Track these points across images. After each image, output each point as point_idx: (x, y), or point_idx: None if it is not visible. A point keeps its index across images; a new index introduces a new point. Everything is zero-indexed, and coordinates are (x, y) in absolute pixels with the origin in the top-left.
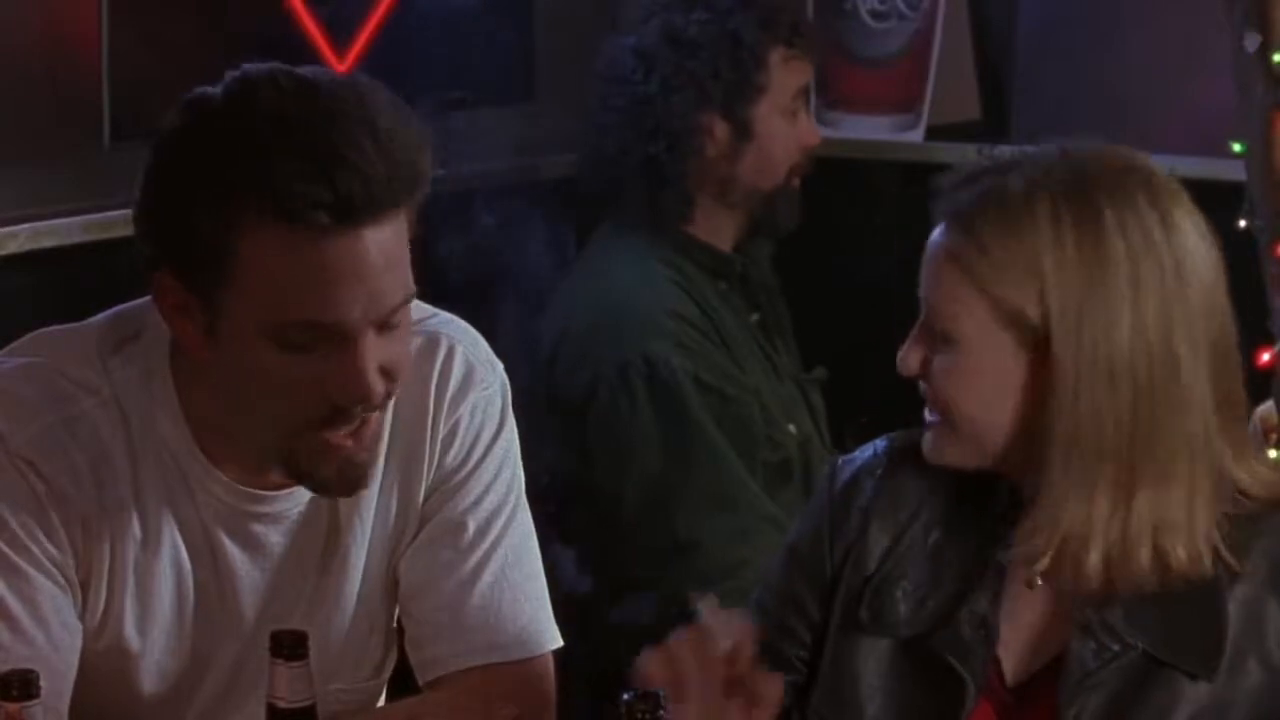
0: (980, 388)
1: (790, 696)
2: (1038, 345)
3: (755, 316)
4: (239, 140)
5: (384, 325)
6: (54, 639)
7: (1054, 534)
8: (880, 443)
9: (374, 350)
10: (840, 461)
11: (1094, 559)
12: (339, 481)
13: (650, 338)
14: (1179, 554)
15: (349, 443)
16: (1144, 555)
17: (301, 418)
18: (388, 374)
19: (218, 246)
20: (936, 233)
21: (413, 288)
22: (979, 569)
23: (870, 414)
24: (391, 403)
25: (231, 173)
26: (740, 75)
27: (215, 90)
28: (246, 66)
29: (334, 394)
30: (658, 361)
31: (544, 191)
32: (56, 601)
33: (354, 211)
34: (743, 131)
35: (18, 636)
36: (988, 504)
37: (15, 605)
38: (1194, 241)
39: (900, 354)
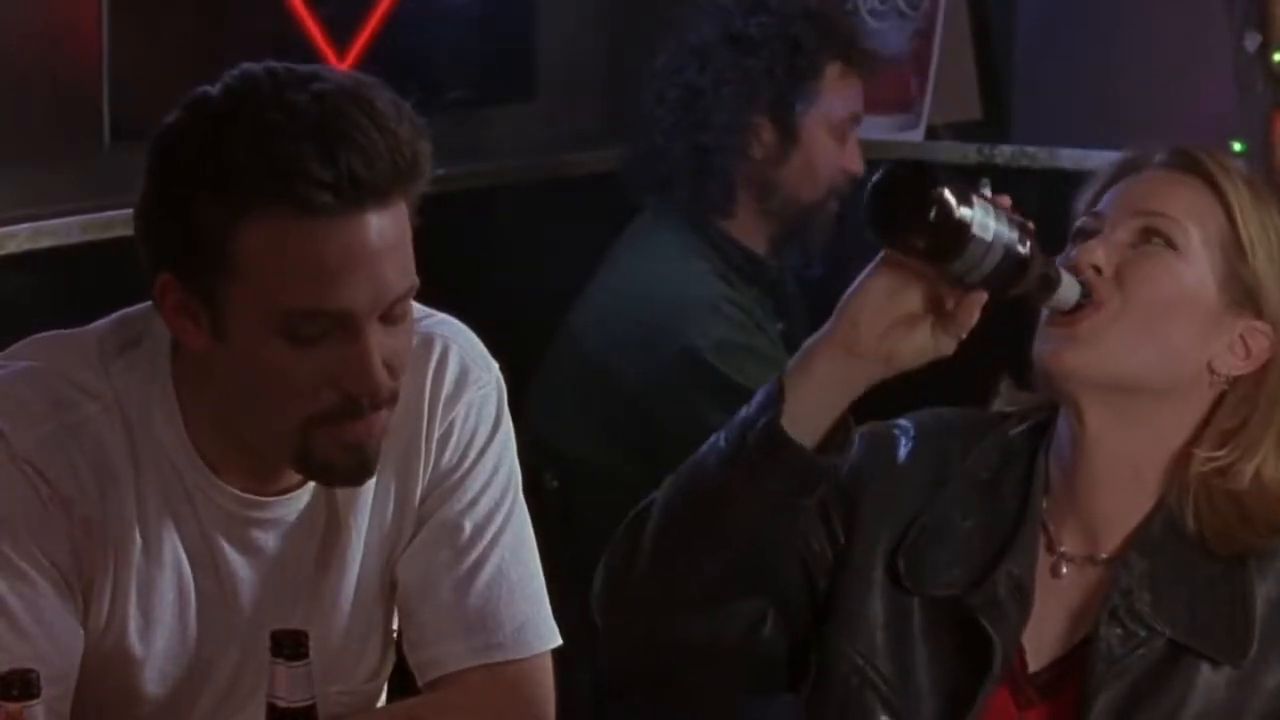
0: (1180, 292)
1: (805, 592)
2: (1241, 292)
3: (780, 325)
4: (240, 127)
5: (387, 317)
6: (56, 641)
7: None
8: (910, 416)
9: (379, 342)
10: (873, 423)
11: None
12: (350, 471)
13: (713, 323)
14: None
15: (359, 432)
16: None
17: (312, 412)
18: (391, 369)
19: (219, 239)
20: (1150, 171)
21: (415, 280)
22: (1011, 537)
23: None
24: None
25: (232, 159)
26: (793, 79)
27: (213, 87)
28: (244, 65)
29: (343, 384)
30: (724, 342)
31: (545, 191)
32: (58, 604)
33: (357, 193)
34: (790, 138)
35: (19, 637)
36: (1024, 479)
37: (17, 606)
38: None
39: (1086, 247)
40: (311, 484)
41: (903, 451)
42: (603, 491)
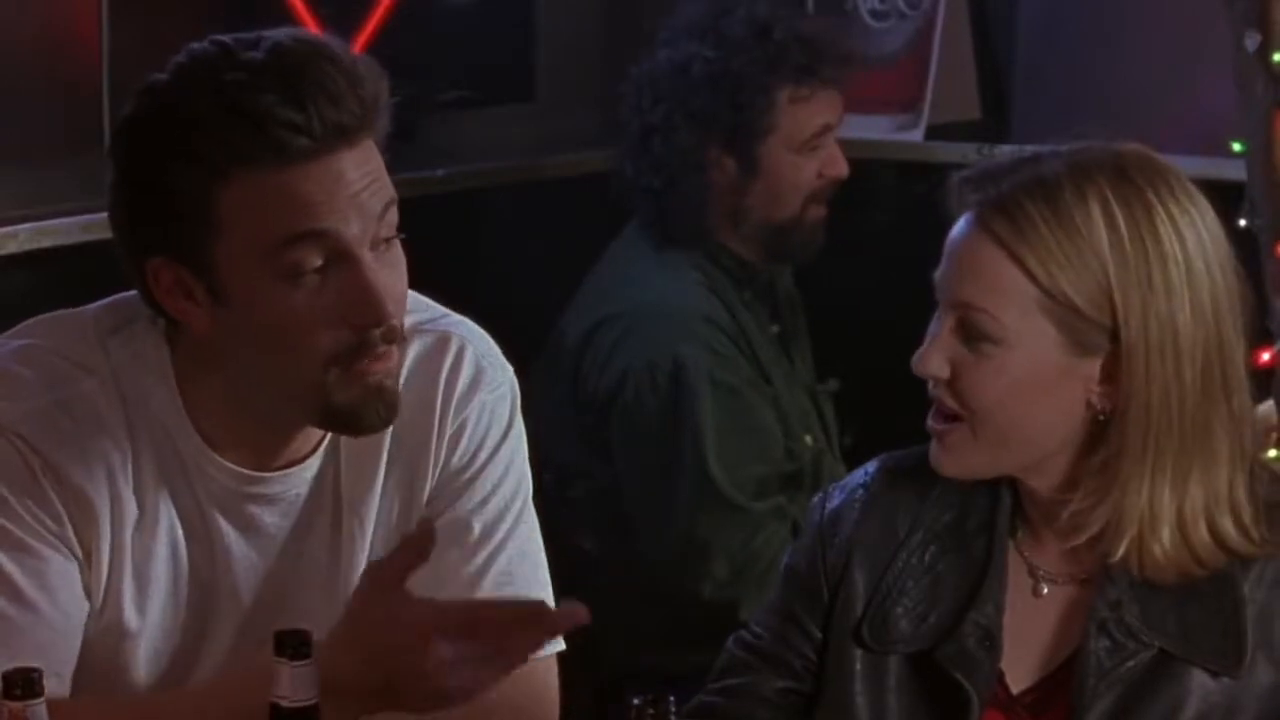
0: (1017, 383)
1: (798, 709)
2: (1086, 335)
3: (776, 328)
4: (201, 93)
5: (377, 242)
6: (61, 605)
7: (1122, 523)
8: (870, 465)
9: (376, 270)
10: (831, 488)
11: (1163, 542)
12: (371, 411)
13: (682, 340)
14: (1230, 532)
15: (376, 368)
16: (1202, 535)
17: (326, 353)
18: (393, 301)
19: (201, 202)
20: (965, 225)
21: (394, 193)
22: (979, 580)
23: (868, 416)
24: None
25: (201, 123)
26: (743, 117)
27: (160, 74)
28: (187, 46)
29: (350, 317)
30: (687, 364)
31: (542, 192)
32: (59, 570)
33: (329, 134)
34: (749, 167)
35: (23, 608)
36: (988, 514)
37: (18, 576)
38: (1220, 231)
39: (918, 357)
40: (311, 461)
41: (856, 524)
42: (589, 492)
